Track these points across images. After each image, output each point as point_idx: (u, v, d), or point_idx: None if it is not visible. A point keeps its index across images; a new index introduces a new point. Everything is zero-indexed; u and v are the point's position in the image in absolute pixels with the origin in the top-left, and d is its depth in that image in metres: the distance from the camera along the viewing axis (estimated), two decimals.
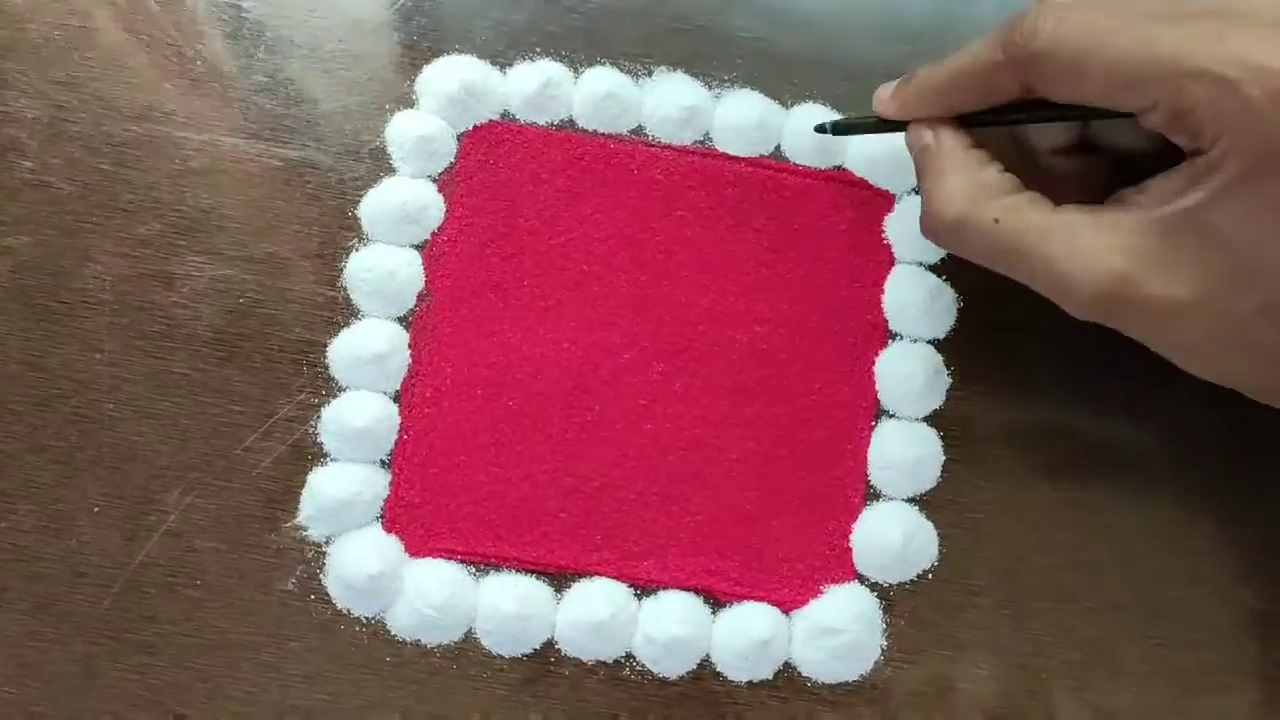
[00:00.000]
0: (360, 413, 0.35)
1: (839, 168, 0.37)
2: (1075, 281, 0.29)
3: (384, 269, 0.36)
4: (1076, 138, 0.34)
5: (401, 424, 0.35)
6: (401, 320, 0.36)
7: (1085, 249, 0.29)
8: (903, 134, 0.34)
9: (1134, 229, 0.29)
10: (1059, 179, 0.33)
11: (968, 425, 0.36)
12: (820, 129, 0.36)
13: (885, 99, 0.34)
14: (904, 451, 0.35)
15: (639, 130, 0.37)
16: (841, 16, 0.39)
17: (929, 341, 0.36)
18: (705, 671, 0.34)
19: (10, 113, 0.36)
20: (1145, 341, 0.30)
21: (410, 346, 0.36)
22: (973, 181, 0.31)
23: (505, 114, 0.37)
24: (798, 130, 0.37)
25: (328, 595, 0.34)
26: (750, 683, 0.34)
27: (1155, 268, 0.28)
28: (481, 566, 0.34)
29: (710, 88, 0.38)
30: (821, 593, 0.35)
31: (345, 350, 0.35)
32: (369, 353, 0.35)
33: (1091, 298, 0.29)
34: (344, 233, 0.36)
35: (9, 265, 0.35)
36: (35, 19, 0.37)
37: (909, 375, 0.36)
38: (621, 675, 0.34)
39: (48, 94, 0.37)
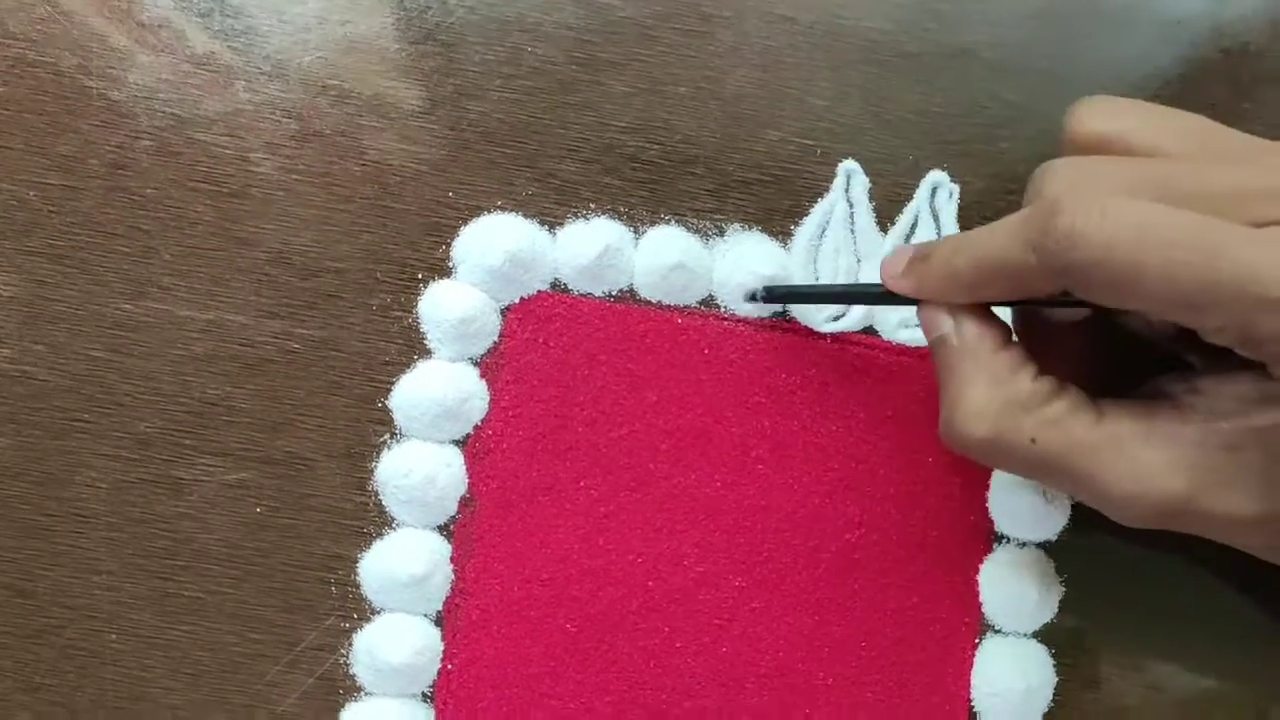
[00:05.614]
0: (398, 646, 0.31)
1: None
2: (1130, 502, 0.26)
3: (422, 473, 0.31)
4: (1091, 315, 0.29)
5: (445, 651, 0.31)
6: (442, 529, 0.32)
7: (1140, 468, 0.26)
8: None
9: (1194, 444, 0.26)
10: (1067, 352, 0.29)
11: (1082, 642, 0.32)
12: (750, 298, 0.32)
13: (896, 274, 0.29)
14: (1012, 676, 0.31)
15: (709, 301, 0.33)
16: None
17: (1039, 545, 0.32)
18: None
19: None
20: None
21: (453, 561, 0.31)
22: (1003, 395, 0.27)
23: (556, 283, 0.32)
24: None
25: None
26: None
27: (1219, 486, 0.26)
28: None
29: (790, 249, 0.33)
30: None
31: (379, 567, 0.31)
32: (406, 573, 0.31)
33: (1146, 518, 0.27)
34: (374, 427, 0.32)
35: None
36: (6, 178, 0.32)
37: (1018, 587, 0.32)
38: None
39: (24, 267, 0.31)
